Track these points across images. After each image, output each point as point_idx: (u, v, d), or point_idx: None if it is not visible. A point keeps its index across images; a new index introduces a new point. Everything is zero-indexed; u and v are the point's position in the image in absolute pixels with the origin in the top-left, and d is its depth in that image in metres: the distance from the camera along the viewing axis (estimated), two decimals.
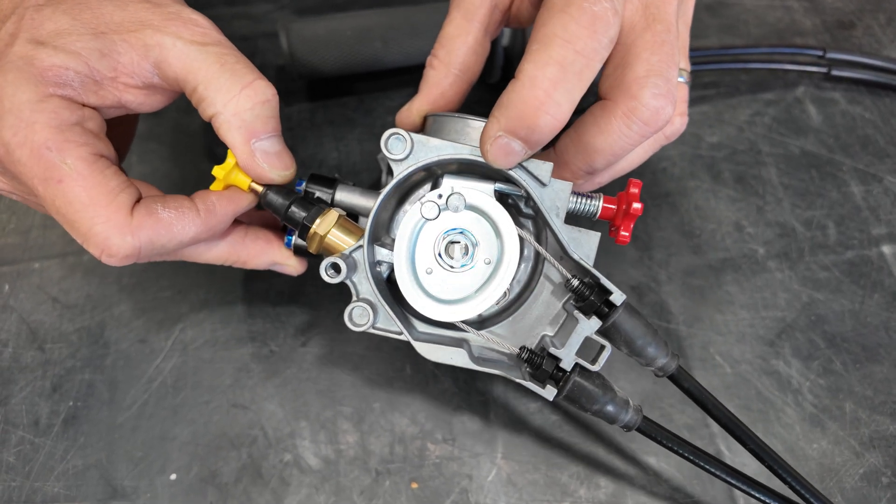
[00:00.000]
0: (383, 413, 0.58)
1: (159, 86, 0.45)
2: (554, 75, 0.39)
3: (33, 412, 0.58)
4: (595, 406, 0.45)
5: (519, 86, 0.40)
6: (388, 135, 0.43)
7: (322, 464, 0.56)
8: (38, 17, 0.42)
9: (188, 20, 0.44)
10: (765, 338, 0.62)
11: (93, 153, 0.43)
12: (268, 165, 0.46)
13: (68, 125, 0.42)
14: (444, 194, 0.44)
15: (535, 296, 0.48)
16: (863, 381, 0.61)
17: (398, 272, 0.44)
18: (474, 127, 0.47)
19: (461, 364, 0.45)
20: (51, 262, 0.64)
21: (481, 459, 0.57)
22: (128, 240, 0.43)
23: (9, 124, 0.41)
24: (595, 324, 0.44)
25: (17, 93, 0.41)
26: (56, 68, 0.41)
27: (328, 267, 0.44)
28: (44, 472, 0.55)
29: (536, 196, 0.44)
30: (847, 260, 0.67)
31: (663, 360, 0.46)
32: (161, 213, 0.44)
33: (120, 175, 0.44)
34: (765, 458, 0.48)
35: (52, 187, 0.42)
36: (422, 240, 0.44)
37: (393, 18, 0.69)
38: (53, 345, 0.60)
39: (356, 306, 0.45)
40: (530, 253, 0.49)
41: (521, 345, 0.46)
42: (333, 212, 0.46)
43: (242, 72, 0.44)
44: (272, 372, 0.59)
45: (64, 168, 0.41)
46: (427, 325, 0.48)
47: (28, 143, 0.41)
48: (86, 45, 0.42)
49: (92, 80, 0.43)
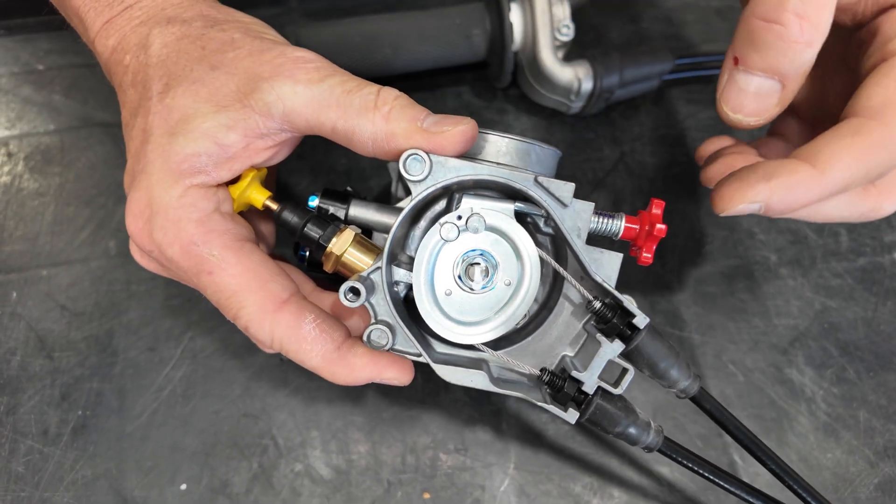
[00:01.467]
0: (395, 423, 0.58)
1: (288, 139, 0.45)
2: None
3: (42, 421, 0.57)
4: (617, 429, 0.44)
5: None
6: (407, 156, 0.42)
7: (333, 474, 0.56)
8: (162, 108, 0.43)
9: (296, 60, 0.43)
10: (778, 346, 0.62)
11: (236, 240, 0.44)
12: (448, 126, 0.42)
13: (208, 215, 0.43)
14: (464, 216, 0.43)
15: (555, 316, 0.47)
16: (877, 390, 0.60)
17: (417, 295, 0.44)
18: (491, 141, 0.46)
19: (481, 386, 0.44)
20: (59, 269, 0.63)
21: (494, 470, 0.56)
22: (265, 329, 0.43)
23: (158, 225, 0.42)
24: (618, 347, 0.43)
25: (163, 193, 0.42)
26: (190, 157, 0.42)
27: (346, 291, 0.43)
28: (53, 482, 0.55)
29: (557, 217, 0.43)
30: (859, 267, 0.66)
31: (686, 383, 0.45)
32: (304, 327, 0.44)
33: (268, 262, 0.45)
34: (787, 480, 0.48)
35: (203, 279, 0.43)
36: (441, 261, 0.44)
37: (402, 24, 0.68)
38: (62, 353, 0.60)
39: (374, 329, 0.44)
40: (549, 272, 0.49)
41: (541, 366, 0.46)
42: (349, 231, 0.46)
43: (365, 87, 0.43)
44: (283, 381, 0.59)
45: (212, 260, 0.43)
46: (445, 345, 0.48)
47: (177, 241, 0.42)
48: (213, 124, 0.42)
49: (224, 157, 0.43)
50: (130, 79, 0.46)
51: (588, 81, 0.65)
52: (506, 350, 0.48)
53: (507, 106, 0.72)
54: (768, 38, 0.40)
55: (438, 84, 0.73)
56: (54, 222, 0.65)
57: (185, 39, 0.45)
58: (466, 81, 0.73)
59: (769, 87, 0.41)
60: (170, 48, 0.44)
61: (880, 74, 0.42)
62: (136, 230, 0.44)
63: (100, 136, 0.69)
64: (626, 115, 0.72)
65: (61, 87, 0.72)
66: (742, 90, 0.42)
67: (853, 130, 0.41)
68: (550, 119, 0.71)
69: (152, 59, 0.44)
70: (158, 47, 0.45)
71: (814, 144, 0.42)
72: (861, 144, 0.41)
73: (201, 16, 0.46)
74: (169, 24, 0.45)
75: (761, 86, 0.42)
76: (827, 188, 0.41)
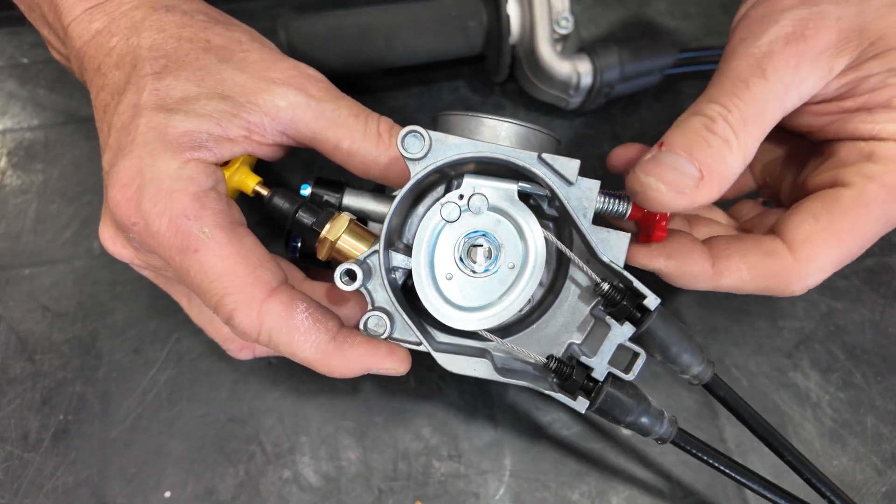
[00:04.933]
0: (386, 428, 0.56)
1: (286, 143, 0.46)
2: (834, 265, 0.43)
3: (22, 426, 0.55)
4: (629, 418, 0.42)
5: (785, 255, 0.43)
6: (406, 132, 0.41)
7: (323, 481, 0.54)
8: (160, 85, 0.42)
9: (308, 76, 0.45)
10: (782, 349, 0.60)
11: (230, 220, 0.42)
12: None
13: (204, 191, 0.41)
14: (466, 195, 0.41)
15: (561, 301, 0.45)
16: (884, 395, 0.58)
17: (417, 278, 0.42)
18: (488, 126, 0.44)
19: (485, 376, 0.42)
20: (41, 268, 0.62)
21: (488, 477, 0.54)
22: (252, 318, 0.41)
23: (149, 195, 0.40)
24: (628, 330, 0.41)
25: (157, 163, 0.41)
26: (190, 132, 0.41)
27: (342, 274, 0.41)
28: (33, 489, 0.53)
29: (563, 195, 0.41)
30: (866, 268, 0.64)
31: (699, 368, 0.43)
32: (296, 316, 0.41)
33: (259, 248, 0.43)
34: (802, 471, 0.47)
35: (188, 257, 0.41)
36: (441, 244, 0.42)
37: (396, 15, 0.66)
38: (44, 355, 0.58)
39: (371, 315, 0.43)
40: (553, 256, 0.47)
41: (548, 353, 0.44)
42: (344, 216, 0.44)
43: (371, 115, 0.45)
44: (271, 384, 0.57)
45: (201, 237, 0.40)
46: (447, 334, 0.46)
47: (167, 213, 0.40)
48: (216, 108, 0.42)
49: (226, 138, 0.43)
50: (115, 61, 0.44)
51: (587, 76, 0.64)
52: (510, 339, 0.46)
53: (504, 101, 0.70)
54: (694, 125, 0.42)
55: (434, 78, 0.71)
56: (37, 220, 0.63)
57: (188, 28, 0.45)
58: (463, 75, 0.71)
59: (688, 169, 0.41)
60: (168, 34, 0.44)
61: (818, 205, 0.44)
62: (122, 200, 0.41)
63: (85, 132, 0.67)
64: (627, 110, 0.70)
65: (46, 81, 0.70)
66: (661, 162, 0.41)
67: (766, 251, 0.44)
68: (549, 114, 0.70)
69: (145, 42, 0.44)
70: (154, 32, 0.44)
71: (728, 246, 0.45)
72: (765, 269, 0.43)
73: (201, 11, 0.47)
74: (167, 12, 0.45)
75: (680, 164, 0.41)
76: (716, 287, 0.45)
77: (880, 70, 0.42)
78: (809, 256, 0.43)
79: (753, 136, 0.41)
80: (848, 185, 0.43)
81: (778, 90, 0.41)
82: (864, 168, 0.43)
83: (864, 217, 0.43)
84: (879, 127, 0.43)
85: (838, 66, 0.42)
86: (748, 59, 0.42)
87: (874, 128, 0.43)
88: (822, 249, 0.43)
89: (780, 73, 0.41)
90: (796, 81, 0.42)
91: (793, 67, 0.41)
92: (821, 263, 0.43)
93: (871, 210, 0.42)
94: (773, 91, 0.41)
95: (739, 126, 0.41)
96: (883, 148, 0.43)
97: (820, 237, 0.43)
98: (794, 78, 0.41)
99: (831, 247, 0.43)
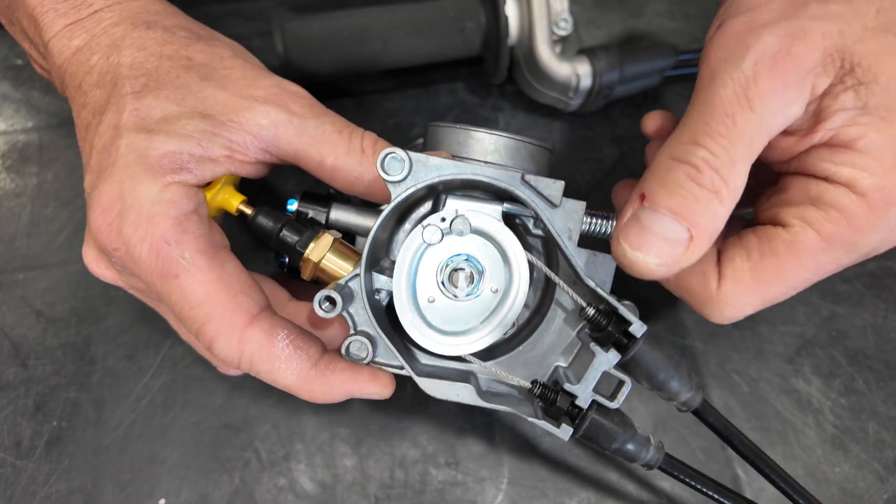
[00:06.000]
0: (383, 435, 0.55)
1: (269, 161, 0.45)
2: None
3: (15, 433, 0.55)
4: (614, 445, 0.42)
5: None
6: (384, 155, 0.40)
7: (318, 489, 0.53)
8: (140, 105, 0.42)
9: (291, 93, 0.44)
10: (784, 354, 0.59)
11: (211, 245, 0.41)
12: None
13: (186, 214, 0.41)
14: (448, 217, 0.41)
15: (547, 323, 0.45)
16: (887, 401, 0.58)
17: (398, 302, 0.41)
18: (477, 139, 0.44)
19: (468, 401, 0.42)
20: (35, 272, 0.61)
21: (486, 485, 0.54)
22: (233, 345, 0.40)
23: (130, 220, 0.40)
24: (613, 357, 0.41)
25: (137, 187, 0.40)
26: (171, 154, 0.41)
27: (322, 300, 0.41)
28: (26, 496, 0.53)
29: (547, 218, 0.41)
30: (868, 272, 0.63)
31: (687, 395, 0.43)
32: (277, 343, 0.41)
33: (242, 273, 0.42)
34: (794, 497, 0.46)
35: (168, 283, 0.40)
36: (423, 266, 0.41)
37: (393, 17, 0.66)
38: (37, 361, 0.58)
39: (353, 340, 0.42)
40: (540, 276, 0.46)
41: (533, 378, 0.43)
42: (327, 235, 0.43)
43: (355, 131, 0.45)
44: (266, 391, 0.57)
45: (182, 263, 0.40)
46: (430, 357, 0.45)
47: (148, 238, 0.40)
48: (197, 128, 0.41)
49: (208, 158, 0.42)
50: (96, 79, 0.44)
51: (587, 78, 0.63)
52: (496, 360, 0.45)
53: (502, 103, 0.70)
54: (679, 177, 0.38)
55: (432, 80, 0.70)
56: (31, 224, 0.63)
57: (169, 46, 0.44)
58: (461, 77, 0.70)
59: (676, 232, 0.38)
60: (149, 52, 0.44)
61: (754, 240, 0.42)
62: (103, 224, 0.41)
63: None
64: (627, 112, 0.69)
65: (40, 83, 0.69)
66: (646, 228, 0.39)
67: (700, 271, 0.43)
68: (548, 117, 0.69)
69: (126, 60, 0.43)
70: (134, 50, 0.44)
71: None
72: (692, 290, 0.43)
73: (183, 27, 0.46)
74: (148, 28, 0.45)
75: (667, 228, 0.38)
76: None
77: (853, 106, 0.39)
78: (730, 294, 0.42)
79: (742, 174, 0.39)
80: (787, 226, 0.41)
81: (766, 119, 0.39)
82: (805, 212, 0.40)
83: (793, 264, 0.41)
84: (835, 169, 0.39)
85: (821, 86, 0.39)
86: (732, 86, 0.38)
87: (830, 168, 0.40)
88: (744, 289, 0.41)
89: (767, 101, 0.38)
90: (783, 105, 0.39)
91: (780, 92, 0.38)
92: (740, 303, 0.42)
93: (801, 258, 0.40)
94: (762, 122, 0.39)
95: (728, 170, 0.38)
96: (831, 193, 0.40)
97: (745, 276, 0.41)
98: (781, 102, 0.38)
99: (752, 290, 0.41)
